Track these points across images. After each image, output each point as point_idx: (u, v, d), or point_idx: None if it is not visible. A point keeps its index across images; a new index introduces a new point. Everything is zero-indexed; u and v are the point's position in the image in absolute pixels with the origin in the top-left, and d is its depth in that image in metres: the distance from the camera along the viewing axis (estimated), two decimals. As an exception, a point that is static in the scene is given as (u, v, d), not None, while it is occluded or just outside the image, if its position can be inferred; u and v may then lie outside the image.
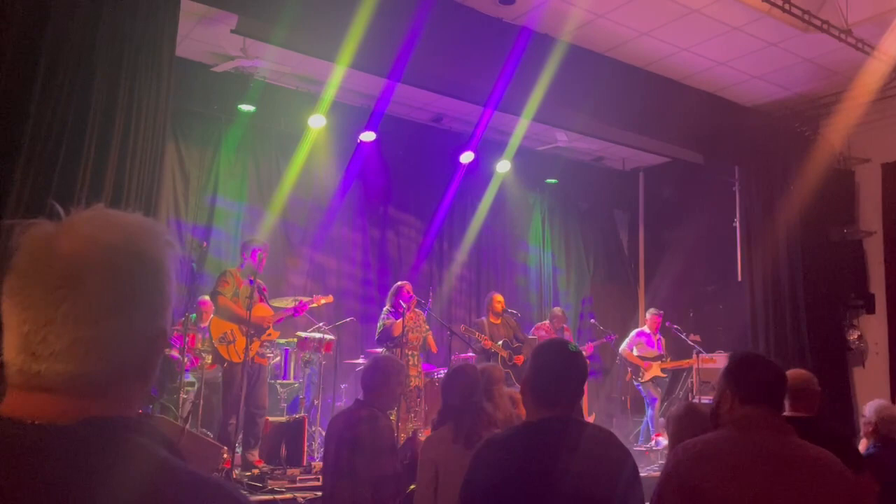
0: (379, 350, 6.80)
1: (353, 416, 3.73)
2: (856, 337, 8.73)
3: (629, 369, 8.56)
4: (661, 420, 8.47)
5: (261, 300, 6.02)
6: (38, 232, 0.85)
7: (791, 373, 3.69)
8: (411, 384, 6.81)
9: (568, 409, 2.21)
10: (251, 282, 5.87)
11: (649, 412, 8.41)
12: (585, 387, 2.81)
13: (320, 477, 5.19)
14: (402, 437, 5.86)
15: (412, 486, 3.92)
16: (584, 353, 8.78)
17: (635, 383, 8.54)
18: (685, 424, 2.87)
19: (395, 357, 4.95)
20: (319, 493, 4.83)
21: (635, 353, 8.55)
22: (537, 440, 2.16)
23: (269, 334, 6.03)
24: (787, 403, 3.41)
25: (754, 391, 2.28)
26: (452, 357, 7.23)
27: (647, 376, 8.42)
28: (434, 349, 7.39)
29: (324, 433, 6.48)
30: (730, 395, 2.31)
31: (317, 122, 7.79)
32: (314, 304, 6.54)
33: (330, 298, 6.77)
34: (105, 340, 0.84)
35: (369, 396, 3.78)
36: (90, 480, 0.79)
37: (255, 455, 5.81)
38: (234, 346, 5.75)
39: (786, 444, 2.21)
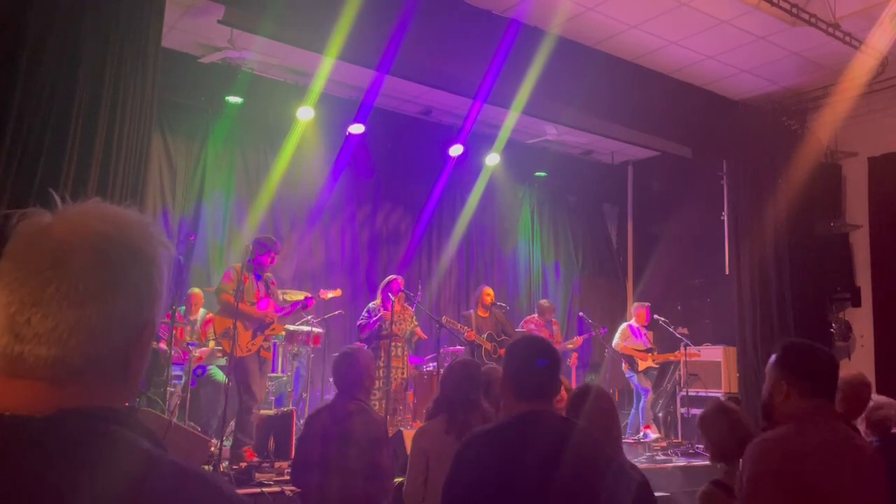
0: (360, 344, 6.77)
1: (340, 411, 3.70)
2: (836, 327, 8.80)
3: (624, 361, 8.57)
4: (651, 413, 8.51)
5: (267, 295, 6.00)
6: (34, 219, 0.87)
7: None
8: (398, 377, 6.79)
9: (545, 403, 2.24)
10: (258, 277, 5.90)
11: (641, 403, 8.42)
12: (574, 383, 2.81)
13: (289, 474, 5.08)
14: (391, 430, 5.85)
15: (400, 479, 3.92)
16: (574, 344, 8.63)
17: (629, 375, 8.55)
18: (721, 423, 2.86)
19: (362, 348, 4.93)
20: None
21: (627, 345, 8.57)
22: (517, 435, 2.18)
23: (273, 329, 6.02)
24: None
25: (814, 383, 2.26)
26: (441, 350, 7.22)
27: (642, 367, 8.44)
28: (423, 336, 7.40)
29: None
30: (786, 387, 2.28)
31: (305, 114, 7.73)
32: (325, 298, 6.55)
33: (339, 292, 6.75)
34: (89, 324, 0.84)
35: (350, 390, 3.74)
36: (69, 473, 0.77)
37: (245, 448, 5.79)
38: (236, 341, 5.72)
39: (846, 435, 2.29)
